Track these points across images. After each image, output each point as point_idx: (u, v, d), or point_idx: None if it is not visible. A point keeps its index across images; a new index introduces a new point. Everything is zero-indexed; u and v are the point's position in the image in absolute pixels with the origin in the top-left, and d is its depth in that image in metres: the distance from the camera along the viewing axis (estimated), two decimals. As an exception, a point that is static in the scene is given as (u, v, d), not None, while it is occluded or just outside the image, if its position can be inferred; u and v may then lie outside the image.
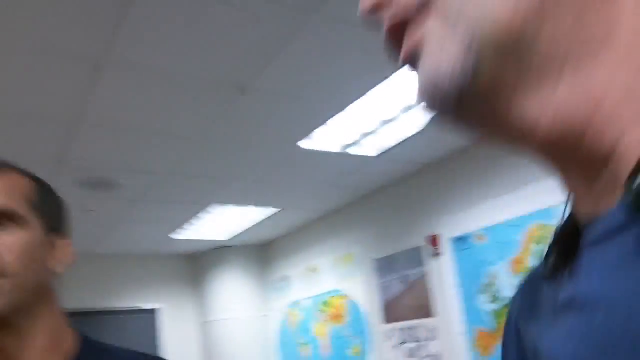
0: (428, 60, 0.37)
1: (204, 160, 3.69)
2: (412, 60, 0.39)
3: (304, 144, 3.54)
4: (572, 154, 0.35)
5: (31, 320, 0.84)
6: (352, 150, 3.75)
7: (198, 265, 6.56)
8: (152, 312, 6.20)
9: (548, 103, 0.34)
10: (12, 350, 0.83)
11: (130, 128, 3.15)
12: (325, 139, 3.50)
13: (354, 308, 4.96)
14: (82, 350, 0.90)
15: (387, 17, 0.40)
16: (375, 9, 0.41)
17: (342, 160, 3.93)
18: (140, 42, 2.35)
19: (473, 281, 3.82)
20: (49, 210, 0.92)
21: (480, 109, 0.37)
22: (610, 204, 0.33)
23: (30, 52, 2.36)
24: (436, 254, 4.13)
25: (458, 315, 3.92)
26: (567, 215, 0.41)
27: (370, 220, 4.78)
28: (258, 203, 4.75)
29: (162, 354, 6.08)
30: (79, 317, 5.73)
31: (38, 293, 0.85)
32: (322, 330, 5.34)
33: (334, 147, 3.67)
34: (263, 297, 6.24)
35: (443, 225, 4.06)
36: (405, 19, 0.39)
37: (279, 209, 4.98)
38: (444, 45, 0.36)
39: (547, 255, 0.41)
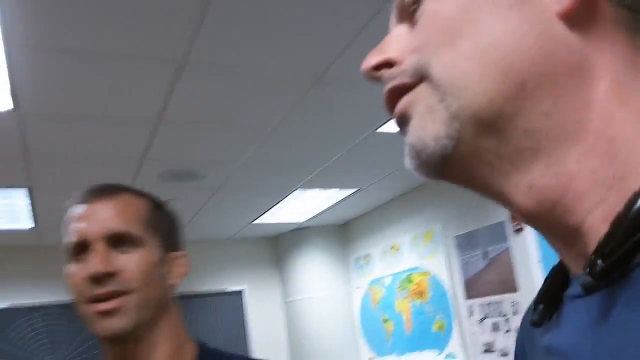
0: (416, 123, 0.42)
1: (284, 149, 3.75)
2: (402, 121, 0.44)
3: (383, 127, 3.54)
4: (546, 224, 0.40)
5: (155, 333, 0.89)
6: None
7: (279, 246, 6.71)
8: (237, 293, 6.41)
9: (523, 179, 0.38)
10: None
11: (211, 122, 3.25)
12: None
13: (436, 284, 4.95)
14: (200, 358, 0.94)
15: (388, 80, 0.44)
16: (376, 70, 0.45)
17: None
18: (219, 40, 2.41)
19: (556, 255, 3.72)
20: (164, 227, 0.96)
21: (460, 174, 0.41)
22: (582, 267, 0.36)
23: (116, 58, 2.47)
24: (518, 229, 4.04)
25: (544, 290, 3.84)
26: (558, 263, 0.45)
27: (451, 197, 4.72)
28: (339, 185, 4.79)
29: (248, 334, 6.30)
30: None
31: (159, 307, 0.90)
32: (404, 307, 5.36)
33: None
34: (344, 276, 6.32)
35: (525, 199, 3.96)
36: (404, 84, 0.43)
37: (358, 189, 5.00)
38: (431, 111, 0.40)
39: (536, 301, 0.45)
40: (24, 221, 4.81)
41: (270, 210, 5.32)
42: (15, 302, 5.58)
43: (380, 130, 3.57)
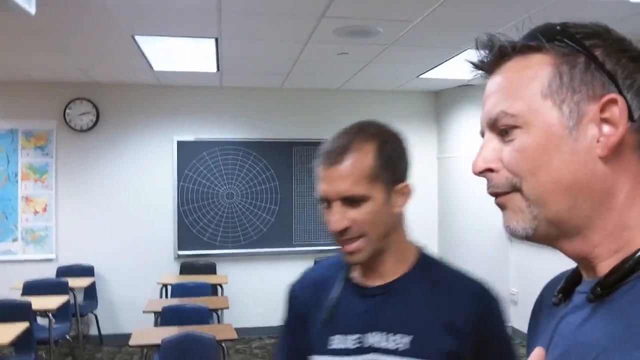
0: (508, 216, 0.69)
1: (463, 9, 3.61)
2: (500, 207, 0.70)
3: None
4: (580, 261, 0.69)
5: (386, 248, 1.18)
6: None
7: (440, 102, 6.67)
8: (395, 145, 6.58)
9: (571, 246, 0.67)
10: (374, 264, 1.19)
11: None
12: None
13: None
14: (420, 261, 1.21)
15: (488, 186, 0.71)
16: (482, 173, 0.71)
17: (616, 7, 3.54)
18: None
19: None
20: (390, 168, 1.15)
21: (538, 242, 0.69)
22: (589, 281, 0.67)
23: None
24: None
25: None
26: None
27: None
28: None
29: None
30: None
31: (387, 233, 1.16)
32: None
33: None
34: (504, 138, 6.20)
35: None
36: (499, 193, 0.69)
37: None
38: (521, 212, 0.67)
39: (557, 291, 0.73)
40: (210, 66, 5.21)
41: (438, 67, 5.24)
42: (199, 136, 6.22)
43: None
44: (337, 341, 1.17)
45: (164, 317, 4.14)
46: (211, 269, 6.03)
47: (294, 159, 6.35)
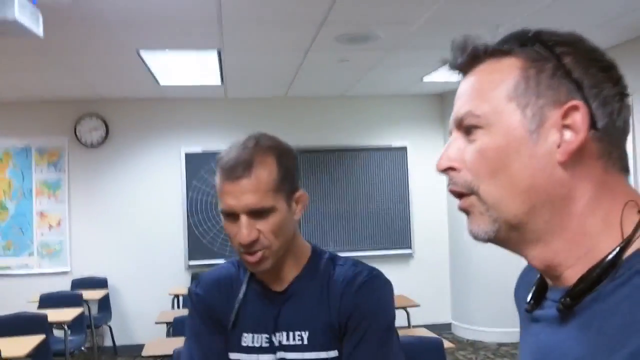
0: (472, 219, 0.70)
1: (463, 9, 3.64)
2: (465, 212, 0.71)
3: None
4: (543, 271, 0.70)
5: (286, 252, 1.25)
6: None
7: (445, 104, 6.69)
8: (402, 149, 6.62)
9: (531, 252, 0.69)
10: (275, 269, 1.25)
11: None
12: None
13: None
14: (310, 261, 1.30)
15: (449, 183, 0.72)
16: (445, 171, 0.72)
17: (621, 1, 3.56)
18: None
19: None
20: (288, 179, 1.21)
21: (499, 245, 0.71)
22: (556, 288, 0.69)
23: None
24: None
25: None
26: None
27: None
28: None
29: (410, 187, 6.58)
30: (336, 154, 6.42)
31: (289, 240, 1.24)
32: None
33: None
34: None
35: None
36: (459, 192, 0.71)
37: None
38: (482, 214, 0.69)
39: (529, 299, 0.75)
40: (214, 78, 5.29)
41: (442, 69, 5.26)
42: (206, 147, 6.30)
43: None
44: (249, 339, 1.27)
45: (176, 327, 4.18)
46: (223, 278, 6.07)
47: (301, 167, 6.40)
